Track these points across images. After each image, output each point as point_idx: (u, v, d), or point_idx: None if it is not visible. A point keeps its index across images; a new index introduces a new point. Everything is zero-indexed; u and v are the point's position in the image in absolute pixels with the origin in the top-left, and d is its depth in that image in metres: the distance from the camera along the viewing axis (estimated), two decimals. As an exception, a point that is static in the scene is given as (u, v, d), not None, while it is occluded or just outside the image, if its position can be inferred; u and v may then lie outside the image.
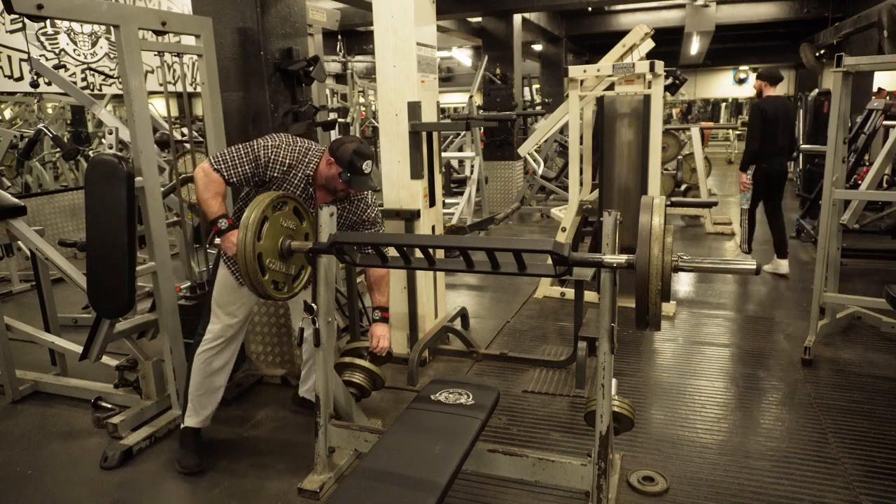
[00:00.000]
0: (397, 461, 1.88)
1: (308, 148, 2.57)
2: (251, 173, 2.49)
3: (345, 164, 2.46)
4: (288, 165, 2.51)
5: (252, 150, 2.49)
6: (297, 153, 2.53)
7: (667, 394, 3.22)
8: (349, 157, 2.44)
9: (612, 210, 1.95)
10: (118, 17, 2.64)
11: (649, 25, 5.34)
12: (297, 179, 2.53)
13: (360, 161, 2.44)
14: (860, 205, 4.28)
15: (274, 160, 2.49)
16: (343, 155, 2.45)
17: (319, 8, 4.33)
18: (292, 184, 2.53)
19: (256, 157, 2.48)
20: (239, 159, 2.48)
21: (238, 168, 2.47)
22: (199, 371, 2.66)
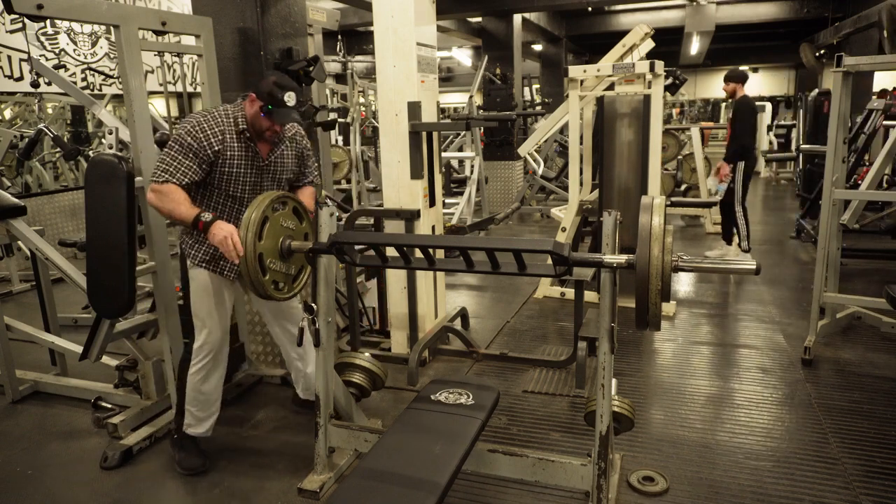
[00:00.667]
0: (397, 461, 1.88)
1: (230, 110, 2.46)
2: (197, 165, 2.36)
3: (264, 97, 2.35)
4: (219, 136, 2.38)
5: (181, 145, 2.35)
6: (222, 119, 2.42)
7: (667, 394, 3.22)
8: (269, 88, 2.34)
9: (612, 210, 1.95)
10: (118, 17, 2.64)
11: (649, 25, 5.35)
12: (237, 143, 2.42)
13: (281, 92, 2.34)
14: (860, 205, 4.28)
15: (205, 138, 2.36)
16: (264, 88, 2.35)
17: (319, 8, 4.33)
18: (233, 149, 2.42)
19: (189, 147, 2.34)
20: (176, 160, 2.34)
21: (182, 167, 2.34)
22: (194, 389, 2.59)
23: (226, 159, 2.41)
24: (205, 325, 2.56)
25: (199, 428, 2.65)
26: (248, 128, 2.44)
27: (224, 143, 2.40)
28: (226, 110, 2.46)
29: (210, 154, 2.38)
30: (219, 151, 2.39)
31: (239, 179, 2.47)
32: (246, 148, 2.45)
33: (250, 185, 2.50)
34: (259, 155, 2.49)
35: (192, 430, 2.65)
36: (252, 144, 2.46)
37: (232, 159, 2.43)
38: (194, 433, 2.65)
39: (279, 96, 2.34)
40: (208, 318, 2.56)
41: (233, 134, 2.42)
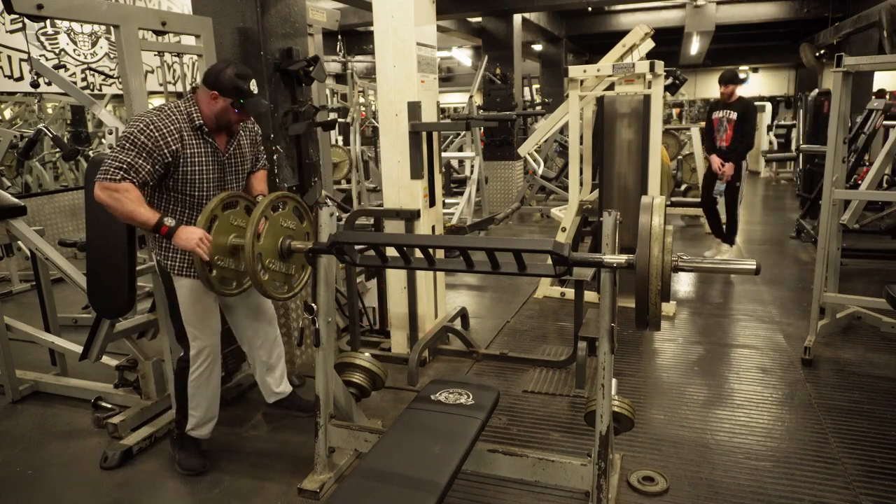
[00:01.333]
0: (397, 461, 1.88)
1: (183, 106, 2.38)
2: (152, 166, 2.25)
3: (231, 92, 2.32)
4: (175, 135, 2.30)
5: (133, 144, 2.22)
6: (176, 116, 2.34)
7: (667, 394, 3.22)
8: (233, 83, 2.31)
9: (612, 210, 1.96)
10: (118, 17, 2.64)
11: (649, 25, 5.34)
12: (196, 140, 2.36)
13: (245, 83, 2.34)
14: (860, 205, 4.28)
15: (160, 137, 2.26)
16: (225, 84, 2.32)
17: (319, 8, 4.33)
18: (192, 146, 2.35)
19: (143, 146, 2.22)
20: (132, 159, 2.21)
21: (138, 169, 2.22)
22: (196, 394, 2.59)
23: (186, 158, 2.34)
24: (198, 333, 2.54)
25: (202, 430, 2.66)
26: (208, 122, 2.39)
27: (182, 140, 2.32)
28: (177, 107, 2.38)
29: (167, 154, 2.28)
30: (177, 151, 2.30)
31: (202, 178, 2.40)
32: (205, 143, 2.40)
33: (214, 183, 2.44)
34: (218, 149, 2.44)
35: (194, 432, 2.65)
36: (210, 140, 2.41)
37: (193, 157, 2.36)
38: (197, 435, 2.66)
39: (246, 87, 2.33)
40: (200, 325, 2.53)
41: (189, 131, 2.35)
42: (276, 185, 3.36)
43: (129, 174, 2.21)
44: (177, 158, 2.31)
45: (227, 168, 2.49)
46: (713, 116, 5.71)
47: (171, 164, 2.31)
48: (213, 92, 2.34)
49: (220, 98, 2.34)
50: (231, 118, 2.40)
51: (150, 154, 2.24)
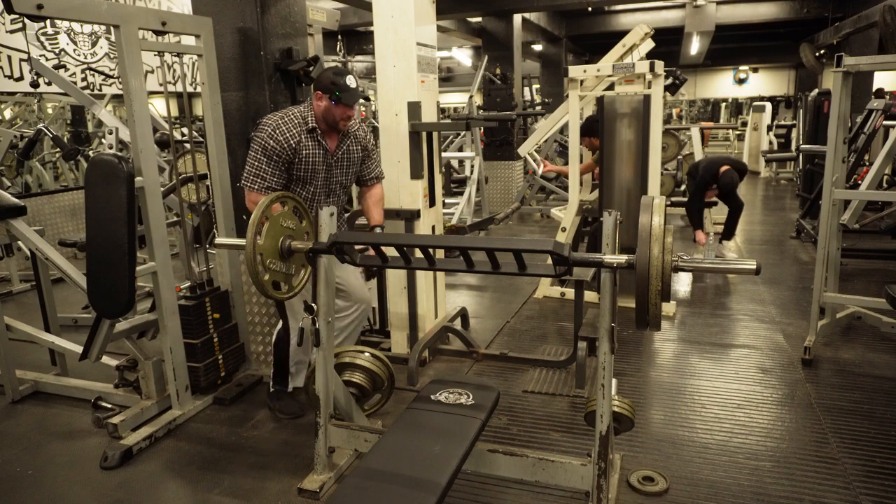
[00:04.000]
0: (397, 461, 1.88)
1: (299, 110, 2.71)
2: (281, 167, 2.65)
3: (329, 88, 2.60)
4: (296, 136, 2.65)
5: (263, 150, 2.62)
6: (295, 119, 2.68)
7: (667, 394, 3.22)
8: (330, 79, 2.61)
9: (612, 210, 1.95)
10: (118, 17, 2.64)
11: (649, 25, 5.35)
12: (311, 142, 2.69)
13: (341, 78, 2.60)
14: (860, 205, 4.28)
15: (283, 141, 2.62)
16: (325, 81, 2.62)
17: (319, 8, 4.33)
18: (308, 148, 2.68)
19: (273, 150, 2.61)
20: (261, 165, 2.63)
21: (269, 173, 2.64)
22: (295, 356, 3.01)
23: (301, 157, 2.68)
24: (296, 315, 2.91)
25: (299, 380, 3.06)
26: (319, 124, 2.70)
27: (300, 142, 2.67)
28: (298, 111, 2.71)
29: (289, 152, 2.65)
30: (296, 150, 2.66)
31: (315, 175, 2.74)
32: (318, 145, 2.71)
33: (322, 179, 2.78)
34: (328, 151, 2.76)
35: (294, 382, 3.07)
36: (322, 141, 2.72)
37: (307, 157, 2.69)
38: (296, 385, 3.07)
39: (341, 81, 2.59)
40: (298, 306, 2.84)
41: (304, 133, 2.68)
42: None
43: (267, 182, 2.64)
44: (294, 156, 2.67)
45: (333, 169, 2.80)
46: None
47: (292, 161, 2.68)
48: (317, 92, 2.67)
49: (323, 97, 2.64)
50: (335, 114, 2.66)
51: (278, 156, 2.64)
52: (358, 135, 2.88)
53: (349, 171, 2.88)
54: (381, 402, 2.86)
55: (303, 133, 2.67)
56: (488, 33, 9.49)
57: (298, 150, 2.67)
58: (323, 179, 2.78)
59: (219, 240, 2.64)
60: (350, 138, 2.84)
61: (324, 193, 2.82)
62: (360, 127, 2.90)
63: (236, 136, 3.36)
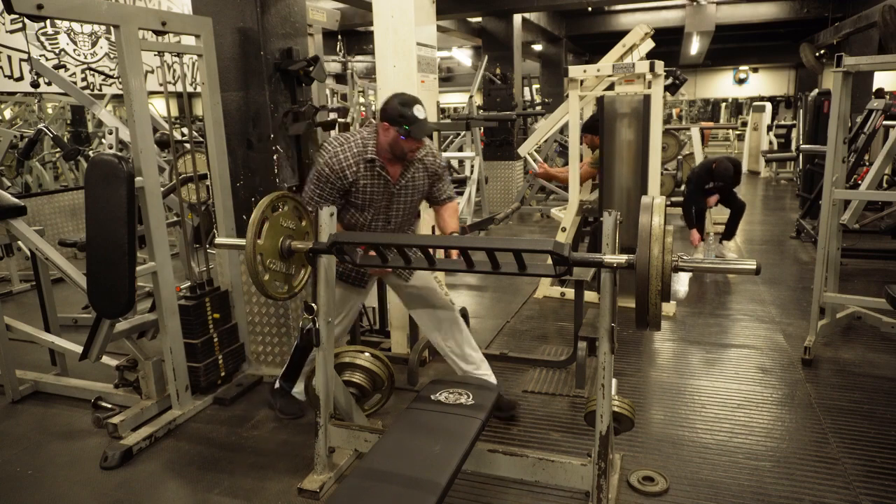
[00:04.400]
0: (397, 461, 1.88)
1: (362, 137, 2.56)
2: (337, 192, 2.54)
3: (397, 120, 2.43)
4: (353, 166, 2.51)
5: (321, 174, 2.52)
6: (355, 147, 2.53)
7: (667, 394, 3.22)
8: (398, 111, 2.43)
9: (612, 210, 1.95)
10: (118, 17, 2.64)
11: (649, 25, 5.35)
12: (369, 171, 2.54)
13: (409, 109, 2.43)
14: (860, 205, 4.28)
15: (340, 170, 2.50)
16: (391, 112, 2.45)
17: (319, 8, 4.33)
18: (366, 177, 2.55)
19: (327, 178, 2.51)
20: (321, 189, 2.53)
21: (326, 197, 2.53)
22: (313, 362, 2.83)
23: (358, 188, 2.55)
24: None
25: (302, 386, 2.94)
26: (382, 154, 2.53)
27: (357, 173, 2.53)
28: (362, 138, 2.55)
29: (345, 183, 2.53)
30: (352, 182, 2.53)
31: (369, 206, 2.62)
32: (377, 176, 2.56)
33: (380, 212, 2.65)
34: (390, 181, 2.59)
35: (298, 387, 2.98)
36: (383, 172, 2.56)
37: (365, 188, 2.56)
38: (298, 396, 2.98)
39: (409, 113, 2.42)
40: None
41: (363, 163, 2.53)
42: (276, 185, 3.36)
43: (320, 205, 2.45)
44: (350, 187, 2.55)
45: (395, 198, 2.64)
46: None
47: (347, 191, 2.57)
48: (384, 123, 2.48)
49: (390, 128, 2.46)
50: (403, 147, 2.49)
51: (332, 184, 2.53)
52: (426, 160, 2.66)
53: (413, 199, 2.70)
54: (381, 402, 2.86)
55: (361, 163, 2.52)
56: (488, 33, 9.49)
57: (355, 182, 2.54)
58: (382, 208, 2.64)
59: (219, 240, 2.65)
60: (415, 166, 2.63)
61: (383, 220, 2.68)
62: (428, 151, 2.67)
63: (236, 136, 3.36)
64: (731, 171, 5.44)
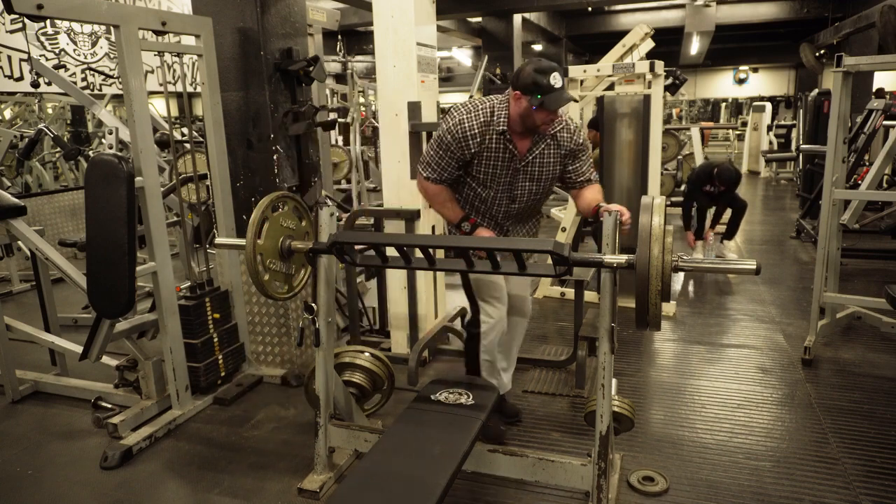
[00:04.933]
0: (397, 461, 1.88)
1: (492, 105, 2.36)
2: (457, 163, 2.38)
3: (529, 88, 2.19)
4: (478, 136, 2.33)
5: (442, 141, 2.36)
6: (482, 116, 2.34)
7: (667, 394, 3.22)
8: (531, 78, 2.19)
9: (613, 210, 1.95)
10: (118, 17, 2.64)
11: (649, 25, 5.36)
12: (494, 143, 2.35)
13: (545, 77, 2.18)
14: (860, 205, 4.28)
15: (463, 138, 2.33)
16: (525, 80, 2.22)
17: (319, 8, 4.33)
18: (491, 150, 2.35)
19: (448, 146, 2.36)
20: (439, 157, 2.39)
21: (444, 166, 2.39)
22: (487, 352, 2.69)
23: (481, 160, 2.37)
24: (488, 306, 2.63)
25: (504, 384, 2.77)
26: (513, 125, 2.32)
27: (482, 144, 2.34)
28: (491, 106, 2.35)
29: (466, 154, 2.37)
30: (475, 153, 2.36)
31: (491, 180, 2.42)
32: (503, 148, 2.36)
33: (502, 187, 2.44)
34: (516, 155, 2.37)
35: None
36: (510, 146, 2.36)
37: (488, 160, 2.38)
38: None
39: (544, 81, 2.18)
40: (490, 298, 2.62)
41: (492, 134, 2.34)
42: (276, 185, 3.36)
43: (439, 174, 2.42)
44: (473, 158, 2.38)
45: (519, 175, 2.41)
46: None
47: (469, 161, 2.40)
48: (515, 92, 2.27)
49: (522, 97, 2.25)
50: (535, 119, 2.27)
51: (453, 153, 2.37)
52: (559, 136, 2.39)
53: (541, 178, 2.44)
54: (381, 402, 2.86)
55: (488, 133, 2.33)
56: (488, 33, 9.50)
57: (479, 151, 2.35)
58: (506, 185, 2.42)
59: (219, 240, 2.65)
60: (546, 141, 2.38)
61: (507, 199, 2.47)
62: (565, 125, 2.40)
63: (236, 136, 3.36)
64: (733, 175, 5.44)
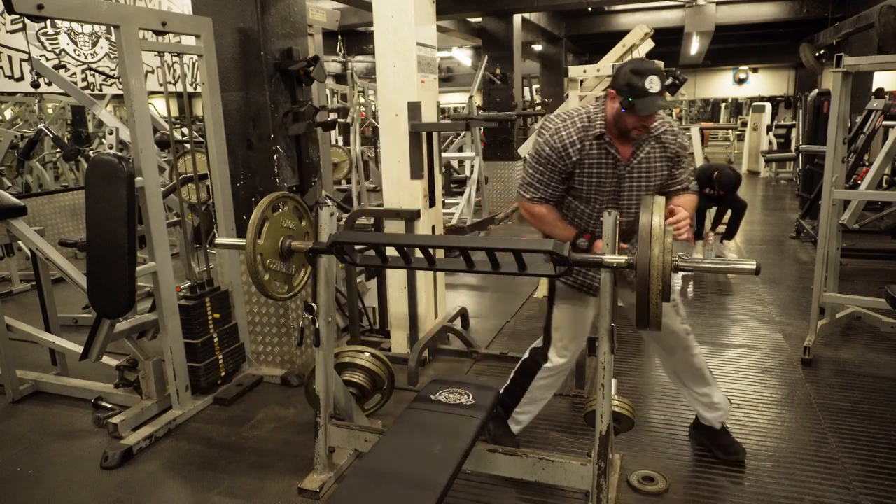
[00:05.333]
0: (397, 461, 1.88)
1: (588, 110, 2.25)
2: (560, 176, 2.26)
3: (623, 88, 2.07)
4: (577, 143, 2.21)
5: (538, 156, 2.26)
6: (579, 122, 2.23)
7: (667, 394, 3.22)
8: (626, 78, 2.06)
9: (612, 210, 1.95)
10: (118, 17, 2.64)
11: (649, 25, 5.35)
12: (596, 150, 2.21)
13: (641, 79, 2.04)
14: (860, 205, 4.28)
15: (562, 148, 2.21)
16: (620, 79, 2.08)
17: (319, 8, 4.33)
18: (592, 156, 2.22)
19: (548, 159, 2.24)
20: (540, 174, 2.27)
21: (547, 182, 2.27)
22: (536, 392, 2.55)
23: (583, 169, 2.23)
24: (560, 340, 2.44)
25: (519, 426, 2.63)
26: (610, 129, 2.20)
27: (582, 151, 2.21)
28: (587, 112, 2.25)
29: (568, 165, 2.23)
30: (576, 162, 2.22)
31: (595, 189, 2.26)
32: (605, 154, 2.22)
33: (611, 194, 2.28)
34: (620, 161, 2.23)
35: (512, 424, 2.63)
36: (612, 150, 2.21)
37: (590, 168, 2.23)
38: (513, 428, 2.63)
39: (639, 84, 2.04)
40: (566, 332, 2.44)
41: (590, 140, 2.21)
42: (276, 185, 3.36)
43: (543, 192, 2.29)
44: (574, 168, 2.24)
45: (625, 182, 2.26)
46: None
47: (571, 173, 2.27)
48: (612, 91, 2.15)
49: (616, 98, 2.13)
50: (626, 123, 2.13)
51: (554, 166, 2.25)
52: (664, 139, 2.25)
53: (648, 183, 2.27)
54: (381, 402, 2.86)
55: (587, 139, 2.20)
56: (488, 33, 9.49)
57: (580, 160, 2.21)
58: (611, 194, 2.27)
59: (219, 240, 2.65)
60: (651, 143, 2.24)
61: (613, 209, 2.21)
62: (668, 128, 2.26)
63: (236, 136, 3.36)
64: (732, 180, 5.45)
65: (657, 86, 2.05)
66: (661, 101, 2.07)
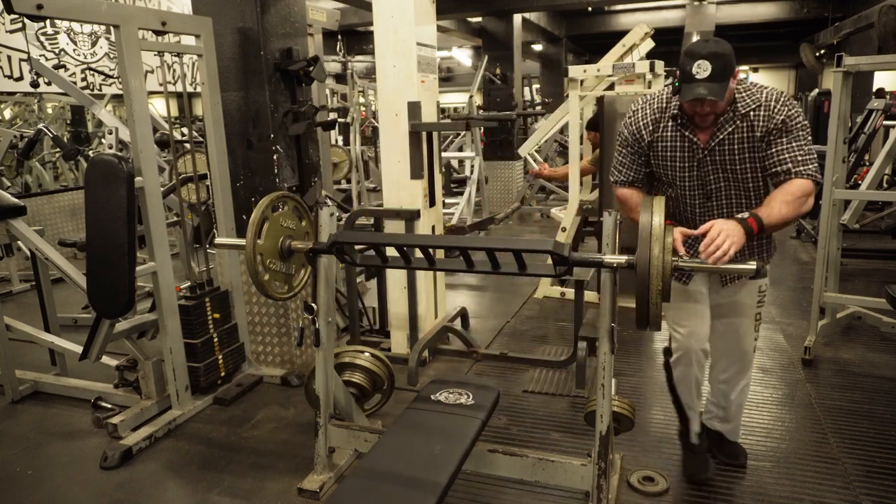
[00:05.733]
0: (397, 461, 1.88)
1: (669, 92, 2.12)
2: (638, 158, 2.20)
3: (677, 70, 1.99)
4: (650, 125, 2.14)
5: (622, 136, 2.21)
6: (658, 103, 2.14)
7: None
8: (681, 59, 1.96)
9: (612, 210, 1.95)
10: (118, 17, 2.64)
11: (649, 25, 5.35)
12: (669, 131, 2.12)
13: (690, 63, 1.91)
14: (860, 205, 4.28)
15: (637, 130, 2.16)
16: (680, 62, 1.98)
17: (319, 8, 4.33)
18: (665, 138, 2.12)
19: (625, 140, 2.20)
20: (622, 156, 2.23)
21: (628, 164, 2.22)
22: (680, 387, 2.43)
23: (657, 151, 2.15)
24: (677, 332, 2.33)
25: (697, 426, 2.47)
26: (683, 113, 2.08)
27: (657, 132, 2.13)
28: (668, 93, 2.12)
29: (644, 146, 2.17)
30: (651, 143, 2.15)
31: (674, 174, 2.16)
32: (680, 137, 2.10)
33: (690, 179, 2.14)
34: (696, 144, 2.08)
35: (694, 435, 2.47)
36: (686, 133, 2.08)
37: (664, 150, 2.14)
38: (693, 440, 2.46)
39: (686, 67, 1.91)
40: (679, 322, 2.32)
41: (666, 121, 2.11)
42: (276, 185, 3.36)
43: (625, 175, 2.25)
44: (650, 149, 2.18)
45: (707, 166, 2.11)
46: None
47: (648, 154, 2.20)
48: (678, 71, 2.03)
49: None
50: (684, 106, 2.03)
51: (631, 147, 2.21)
52: (754, 115, 2.01)
53: (735, 169, 2.08)
54: (381, 402, 2.86)
55: (663, 119, 2.10)
56: (488, 33, 9.49)
57: (653, 142, 2.13)
58: (694, 179, 2.13)
59: (219, 240, 2.65)
60: (735, 123, 2.03)
61: (700, 196, 2.17)
62: (763, 103, 2.01)
63: (236, 136, 3.36)
64: None
65: (705, 71, 1.88)
66: (700, 90, 1.89)
